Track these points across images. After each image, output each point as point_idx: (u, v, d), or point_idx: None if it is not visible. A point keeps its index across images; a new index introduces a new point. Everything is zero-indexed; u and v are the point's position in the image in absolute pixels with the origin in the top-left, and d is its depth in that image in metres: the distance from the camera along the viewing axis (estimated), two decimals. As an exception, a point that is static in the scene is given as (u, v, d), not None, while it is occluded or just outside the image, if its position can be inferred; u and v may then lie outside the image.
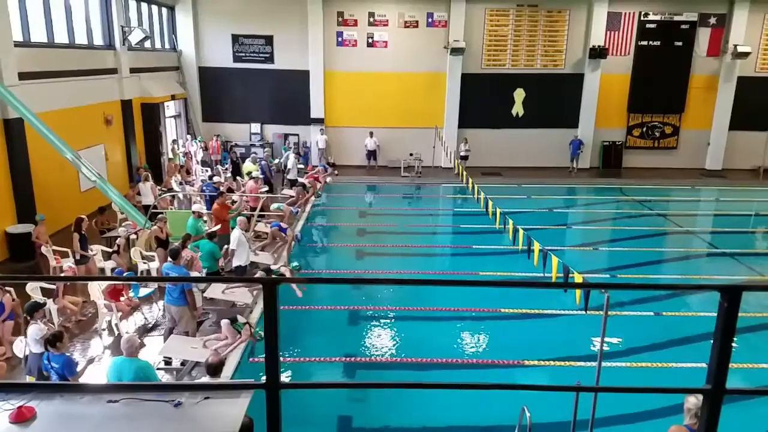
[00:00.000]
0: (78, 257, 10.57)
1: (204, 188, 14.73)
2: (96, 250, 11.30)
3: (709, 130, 23.11)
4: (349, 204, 18.47)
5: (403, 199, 19.09)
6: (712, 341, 1.91)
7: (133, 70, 18.02)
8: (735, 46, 21.95)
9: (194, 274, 9.97)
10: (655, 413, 7.16)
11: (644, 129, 23.37)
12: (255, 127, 22.99)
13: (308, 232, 15.30)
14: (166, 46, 22.07)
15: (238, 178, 16.88)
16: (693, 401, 4.89)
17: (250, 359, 8.45)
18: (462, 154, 21.70)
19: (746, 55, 21.94)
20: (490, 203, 11.96)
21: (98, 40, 16.81)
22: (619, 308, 10.26)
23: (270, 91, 22.71)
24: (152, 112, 19.26)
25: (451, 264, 14.04)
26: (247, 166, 16.94)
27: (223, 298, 9.89)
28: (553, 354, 8.86)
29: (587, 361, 8.47)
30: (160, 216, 11.78)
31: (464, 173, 15.18)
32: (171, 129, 21.96)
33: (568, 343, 9.32)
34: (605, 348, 9.05)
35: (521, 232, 9.62)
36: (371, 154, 22.20)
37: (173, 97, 21.29)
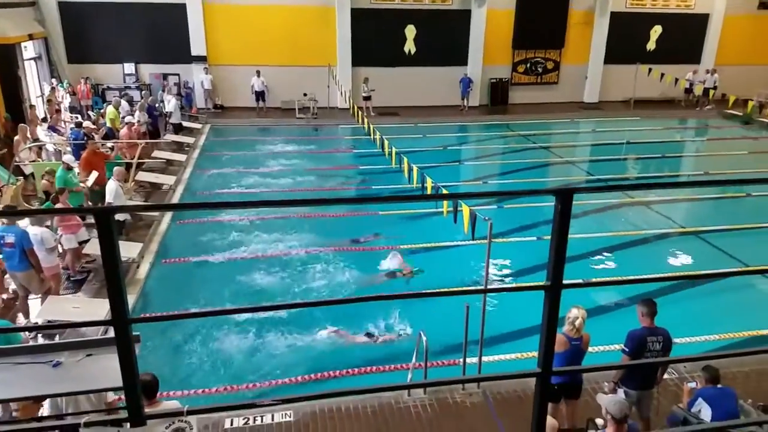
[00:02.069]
0: None
1: (70, 136, 13.34)
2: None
3: (587, 64, 24.35)
4: (240, 148, 17.78)
5: (299, 141, 18.65)
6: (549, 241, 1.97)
7: (-23, 7, 15.79)
8: (608, -19, 23.02)
9: (68, 235, 9.15)
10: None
11: (528, 65, 24.20)
12: (129, 68, 21.13)
13: (197, 179, 14.62)
14: (16, -23, 19.44)
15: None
16: (574, 312, 5.33)
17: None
18: (364, 94, 21.36)
19: (617, -10, 23.10)
20: (386, 143, 11.95)
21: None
22: (503, 236, 10.84)
23: (143, 27, 20.82)
24: (7, 55, 17.06)
25: (351, 205, 14.04)
26: (109, 111, 15.42)
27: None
28: (447, 283, 9.23)
29: (479, 286, 8.93)
30: (48, 169, 10.73)
31: (360, 114, 15.00)
32: (32, 73, 19.70)
33: (460, 272, 9.76)
34: (505, 273, 9.68)
35: (416, 170, 9.74)
36: (259, 95, 21.19)
37: (31, 37, 18.98)
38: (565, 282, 1.93)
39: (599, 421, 4.97)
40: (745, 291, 9.28)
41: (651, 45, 24.90)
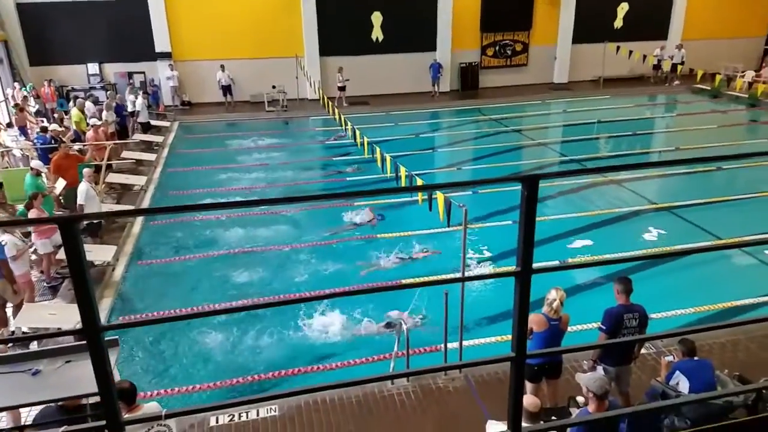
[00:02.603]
0: None
1: (35, 141, 12.97)
2: None
3: (555, 45, 24.48)
4: (211, 145, 17.55)
5: (270, 135, 18.47)
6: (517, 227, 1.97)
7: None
8: (573, -40, 23.10)
9: (43, 240, 8.96)
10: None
11: (497, 48, 24.23)
12: (93, 68, 20.66)
13: (168, 178, 14.39)
14: (-31, -22, 18.82)
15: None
16: (552, 294, 5.40)
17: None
18: (339, 84, 21.23)
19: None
20: (358, 133, 11.90)
21: None
22: (479, 221, 10.90)
23: (105, 25, 20.37)
24: (-36, 58, 16.59)
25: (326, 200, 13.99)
26: (74, 114, 15.02)
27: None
28: (425, 272, 9.26)
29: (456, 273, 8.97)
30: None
31: (330, 104, 14.87)
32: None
33: (440, 258, 9.79)
34: (483, 258, 9.73)
35: (389, 159, 9.71)
36: (226, 90, 20.94)
37: (-11, 40, 18.46)
38: (535, 267, 1.94)
39: (580, 399, 5.05)
40: (717, 263, 9.50)
41: (618, 23, 25.10)
